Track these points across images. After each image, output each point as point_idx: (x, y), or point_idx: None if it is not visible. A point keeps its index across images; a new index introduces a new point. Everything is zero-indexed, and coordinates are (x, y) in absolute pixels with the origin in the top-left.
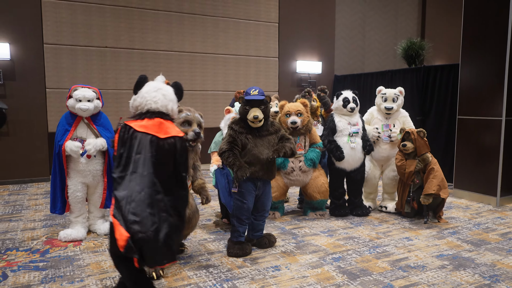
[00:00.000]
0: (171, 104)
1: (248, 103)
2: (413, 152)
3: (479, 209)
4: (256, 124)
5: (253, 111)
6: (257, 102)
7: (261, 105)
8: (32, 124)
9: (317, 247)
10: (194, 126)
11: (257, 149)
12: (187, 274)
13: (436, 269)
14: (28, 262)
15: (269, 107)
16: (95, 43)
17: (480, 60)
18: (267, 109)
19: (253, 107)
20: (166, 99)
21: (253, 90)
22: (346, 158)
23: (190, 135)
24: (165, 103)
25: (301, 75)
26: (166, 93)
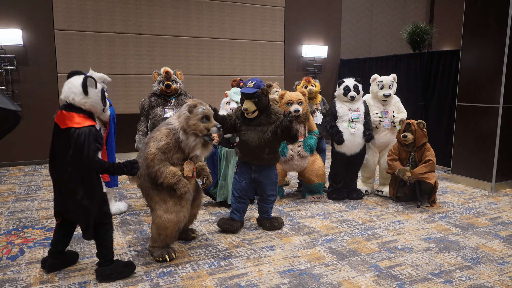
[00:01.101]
0: (72, 95)
1: (243, 95)
2: (412, 142)
3: (474, 194)
4: (249, 115)
5: (245, 103)
6: (248, 95)
7: (253, 97)
8: (44, 107)
9: (311, 229)
10: (213, 120)
11: (247, 135)
12: (188, 253)
13: (421, 251)
14: (43, 239)
15: (265, 99)
16: (104, 29)
17: (480, 47)
18: (261, 102)
19: (246, 99)
20: (69, 91)
21: (250, 82)
22: (346, 143)
23: (214, 130)
24: (67, 94)
25: (306, 59)
26: (71, 86)
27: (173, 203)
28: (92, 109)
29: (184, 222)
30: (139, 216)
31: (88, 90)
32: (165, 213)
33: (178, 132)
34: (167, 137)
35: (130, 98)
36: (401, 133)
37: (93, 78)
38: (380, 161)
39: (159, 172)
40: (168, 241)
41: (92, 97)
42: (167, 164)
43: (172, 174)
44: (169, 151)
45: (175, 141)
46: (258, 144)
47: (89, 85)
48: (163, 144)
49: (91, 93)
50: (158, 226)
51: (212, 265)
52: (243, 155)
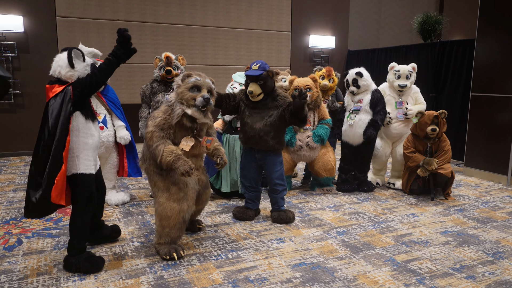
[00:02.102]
0: (58, 69)
1: (247, 77)
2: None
3: (489, 188)
4: (254, 98)
5: (250, 85)
6: (253, 77)
7: (259, 80)
8: (45, 96)
9: (322, 221)
10: (204, 92)
11: (250, 119)
12: (194, 244)
13: (439, 245)
14: (42, 230)
15: (270, 82)
16: (107, 16)
17: (495, 36)
18: (266, 84)
19: (251, 82)
20: (56, 65)
21: (255, 64)
22: (346, 133)
23: (199, 101)
24: (54, 68)
25: (314, 50)
26: (58, 59)
27: (177, 190)
28: None
29: (189, 213)
30: (142, 206)
31: (73, 62)
32: (167, 200)
33: (175, 106)
34: (164, 113)
35: (134, 88)
36: (426, 126)
37: (80, 51)
38: (393, 153)
39: (157, 150)
40: (172, 235)
41: (79, 70)
42: (166, 142)
43: (170, 152)
44: (169, 127)
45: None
46: (263, 127)
47: (75, 56)
48: (160, 120)
49: (78, 66)
50: (160, 215)
51: (219, 258)
52: (246, 140)
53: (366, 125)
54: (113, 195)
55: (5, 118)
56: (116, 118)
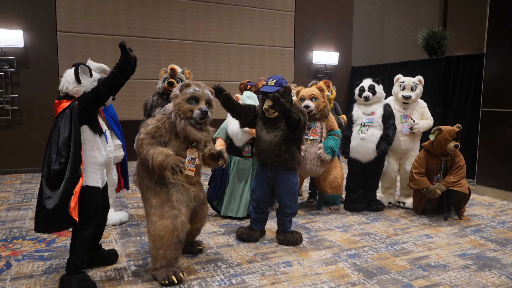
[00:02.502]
0: (66, 84)
1: (263, 94)
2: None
3: (503, 207)
4: (270, 115)
5: (266, 102)
6: (269, 94)
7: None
8: (45, 112)
9: (331, 243)
10: (202, 103)
11: (263, 132)
12: (195, 268)
13: (459, 269)
14: (33, 252)
15: (287, 98)
16: (108, 31)
17: (506, 50)
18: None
19: (267, 98)
20: (64, 80)
21: (271, 80)
22: (357, 149)
23: (196, 114)
24: (62, 84)
25: (317, 66)
26: (66, 75)
27: (170, 208)
28: None
29: (184, 232)
30: (140, 227)
31: (80, 78)
32: (160, 219)
33: (172, 116)
34: (158, 121)
35: (135, 104)
36: (447, 142)
37: (87, 66)
38: (401, 171)
39: (148, 155)
40: (168, 256)
41: (86, 85)
42: (156, 146)
43: (160, 152)
44: (160, 135)
45: (170, 126)
46: (274, 140)
47: (82, 72)
48: (151, 128)
49: (84, 82)
50: (153, 236)
51: (222, 283)
52: (258, 154)
53: (378, 139)
54: (111, 214)
55: (2, 134)
56: (114, 136)
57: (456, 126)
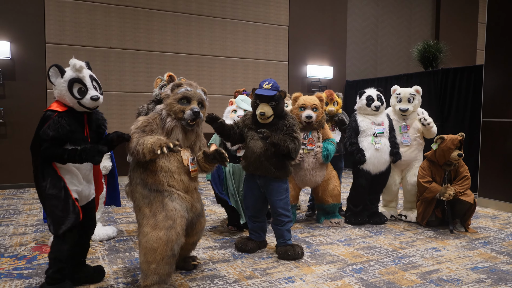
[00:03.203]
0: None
1: (258, 97)
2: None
3: (509, 219)
4: (264, 121)
5: (261, 106)
6: (266, 98)
7: (272, 101)
8: (31, 126)
9: (334, 257)
10: (194, 104)
11: (252, 142)
12: (189, 285)
13: (473, 283)
14: (11, 270)
15: (282, 103)
16: (99, 43)
17: (506, 60)
18: (279, 106)
19: (262, 102)
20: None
21: (266, 83)
22: (371, 160)
23: (187, 114)
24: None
25: (311, 79)
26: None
27: (164, 218)
28: (62, 100)
29: (179, 245)
30: (130, 242)
31: (52, 80)
32: (153, 229)
33: (162, 115)
34: (148, 117)
35: (126, 117)
36: (450, 152)
37: (57, 67)
38: (403, 183)
39: (138, 145)
40: (160, 271)
41: (57, 87)
42: (146, 137)
43: (149, 138)
44: (151, 130)
45: (161, 122)
46: (264, 152)
47: (52, 75)
48: (141, 122)
49: (56, 83)
50: (145, 249)
51: None
52: (247, 165)
53: (390, 149)
54: (98, 229)
55: None
56: None
57: (460, 135)
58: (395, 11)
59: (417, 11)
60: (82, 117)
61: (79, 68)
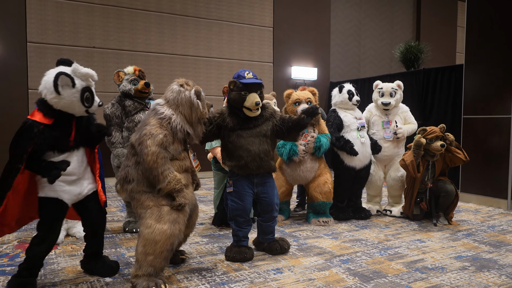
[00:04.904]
0: (45, 91)
1: (246, 87)
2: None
3: (490, 212)
4: (256, 112)
5: (253, 96)
6: (256, 86)
7: (259, 89)
8: (12, 126)
9: (321, 250)
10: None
11: (242, 141)
12: (177, 278)
13: (457, 271)
14: None
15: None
16: (82, 43)
17: (486, 57)
18: (263, 94)
19: (251, 92)
20: (43, 85)
21: (247, 72)
22: (358, 155)
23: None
24: (41, 88)
25: (296, 81)
26: (47, 79)
27: (168, 211)
28: (67, 110)
29: (179, 240)
30: (115, 239)
31: (59, 90)
32: (157, 222)
33: (174, 120)
34: (161, 128)
35: None
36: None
37: (69, 76)
38: (387, 179)
39: (162, 176)
40: (156, 264)
41: (66, 97)
42: (171, 168)
43: (177, 181)
44: (169, 143)
45: (172, 131)
46: (262, 148)
47: (62, 84)
48: (162, 137)
49: (65, 93)
50: (145, 240)
51: None
52: (244, 167)
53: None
54: (78, 226)
55: None
56: None
57: (441, 126)
58: (378, 13)
59: (399, 14)
60: (71, 123)
61: (92, 76)
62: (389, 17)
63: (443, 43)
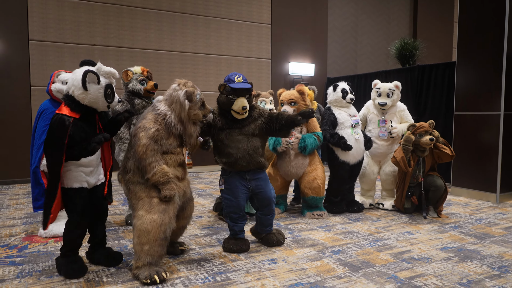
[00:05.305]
0: (72, 88)
1: (235, 92)
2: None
3: (479, 206)
4: (243, 115)
5: (241, 101)
6: (244, 90)
7: (248, 93)
8: (15, 123)
9: (314, 241)
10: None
11: (230, 140)
12: (177, 268)
13: (441, 261)
14: (4, 258)
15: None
16: (82, 41)
17: (477, 55)
18: (251, 98)
19: (239, 97)
20: (71, 83)
21: (237, 76)
22: (352, 151)
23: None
24: (69, 86)
25: (294, 77)
26: (74, 77)
27: (158, 202)
28: (92, 105)
29: (171, 229)
30: (118, 232)
31: (87, 86)
32: (148, 213)
33: (169, 117)
34: (155, 123)
35: None
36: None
37: (95, 74)
38: (381, 173)
39: (150, 167)
40: (153, 252)
41: (93, 93)
42: (160, 161)
43: (163, 173)
44: (161, 137)
45: (166, 126)
46: (250, 145)
47: (89, 81)
48: (153, 131)
49: (91, 89)
50: (139, 231)
51: (206, 281)
52: (234, 164)
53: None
54: None
55: None
56: None
57: (430, 122)
58: (374, 10)
59: (395, 10)
60: (95, 118)
61: (113, 74)
62: (385, 14)
63: (440, 39)
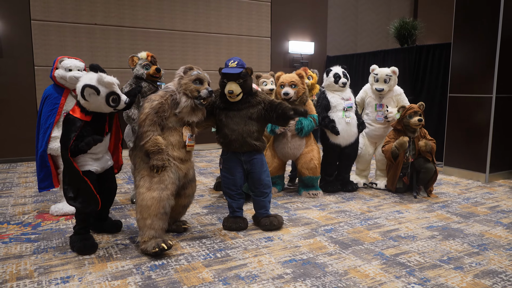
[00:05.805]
0: (79, 95)
1: (225, 76)
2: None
3: (469, 185)
4: (233, 99)
5: (229, 85)
6: (233, 76)
7: (238, 78)
8: (20, 102)
9: (309, 220)
10: (206, 85)
11: (228, 121)
12: (180, 245)
13: (426, 239)
14: (19, 235)
15: (250, 80)
16: (84, 20)
17: (472, 38)
18: (246, 83)
19: (229, 81)
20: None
21: (232, 61)
22: (342, 133)
23: (203, 92)
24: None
25: (293, 55)
26: (79, 85)
27: (158, 181)
28: (97, 111)
29: (170, 205)
30: (124, 210)
31: (87, 98)
32: (148, 190)
33: (175, 94)
34: (161, 97)
35: None
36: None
37: (93, 87)
38: (376, 153)
39: (145, 135)
40: (155, 225)
41: (93, 103)
42: (156, 131)
43: (155, 143)
44: (163, 111)
45: (172, 103)
46: (245, 129)
47: (87, 94)
48: (157, 103)
49: (92, 100)
50: (140, 207)
51: (207, 257)
52: (229, 144)
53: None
54: None
55: None
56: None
57: (420, 104)
58: None
59: None
60: (105, 116)
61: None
62: None
63: (441, 19)
